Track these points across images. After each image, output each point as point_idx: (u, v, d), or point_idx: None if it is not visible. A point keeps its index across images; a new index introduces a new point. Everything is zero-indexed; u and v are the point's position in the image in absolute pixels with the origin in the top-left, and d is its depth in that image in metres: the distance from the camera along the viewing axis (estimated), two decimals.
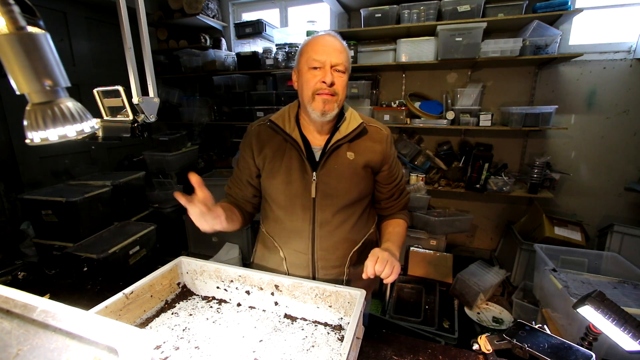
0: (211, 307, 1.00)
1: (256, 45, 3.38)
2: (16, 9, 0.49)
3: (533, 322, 0.82)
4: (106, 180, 2.49)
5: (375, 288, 1.33)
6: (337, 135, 1.04)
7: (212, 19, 3.24)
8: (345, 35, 2.85)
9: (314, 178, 1.04)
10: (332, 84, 0.97)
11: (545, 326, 0.81)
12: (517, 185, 2.67)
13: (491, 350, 0.80)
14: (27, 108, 0.54)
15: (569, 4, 2.21)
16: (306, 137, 1.07)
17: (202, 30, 3.41)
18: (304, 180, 1.04)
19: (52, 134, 0.55)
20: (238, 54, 3.21)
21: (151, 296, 0.96)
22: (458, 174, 2.77)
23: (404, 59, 2.63)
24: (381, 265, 0.86)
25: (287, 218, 1.08)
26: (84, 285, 1.20)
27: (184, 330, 0.89)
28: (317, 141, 1.07)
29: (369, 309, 1.40)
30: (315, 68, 0.98)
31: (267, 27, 3.16)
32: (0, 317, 0.39)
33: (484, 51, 2.40)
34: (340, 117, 1.07)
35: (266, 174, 1.09)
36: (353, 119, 1.07)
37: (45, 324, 0.36)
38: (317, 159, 1.05)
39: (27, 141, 0.56)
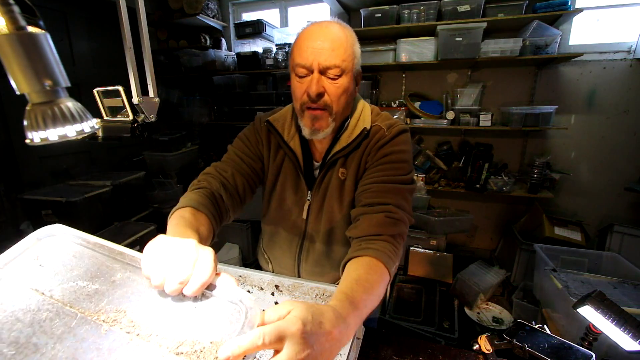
0: None
1: (256, 45, 3.38)
2: (16, 9, 0.49)
3: (533, 322, 0.82)
4: (106, 180, 2.49)
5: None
6: (336, 147, 0.86)
7: (212, 19, 3.24)
8: None
9: (309, 198, 0.92)
10: (320, 95, 0.77)
11: (545, 326, 0.81)
12: (517, 185, 2.67)
13: (491, 350, 0.80)
14: (27, 108, 0.54)
15: (569, 4, 2.21)
16: (309, 147, 0.91)
17: (202, 30, 3.41)
18: (297, 199, 0.94)
19: (52, 134, 0.54)
20: (238, 54, 3.21)
21: None
22: (458, 174, 2.77)
23: (404, 59, 2.62)
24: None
25: (277, 234, 1.02)
26: None
27: None
28: (319, 152, 0.91)
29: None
30: (300, 76, 0.78)
31: (267, 27, 3.16)
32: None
33: (484, 51, 2.40)
34: (346, 120, 0.88)
35: (265, 187, 0.99)
36: (361, 122, 0.86)
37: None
38: (317, 174, 0.91)
39: (27, 141, 0.56)
